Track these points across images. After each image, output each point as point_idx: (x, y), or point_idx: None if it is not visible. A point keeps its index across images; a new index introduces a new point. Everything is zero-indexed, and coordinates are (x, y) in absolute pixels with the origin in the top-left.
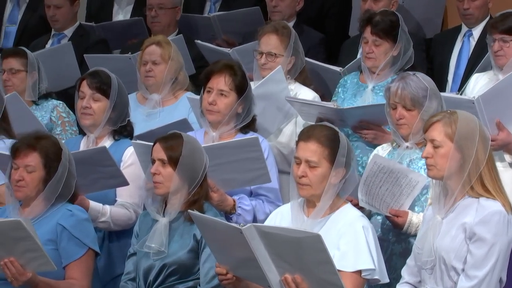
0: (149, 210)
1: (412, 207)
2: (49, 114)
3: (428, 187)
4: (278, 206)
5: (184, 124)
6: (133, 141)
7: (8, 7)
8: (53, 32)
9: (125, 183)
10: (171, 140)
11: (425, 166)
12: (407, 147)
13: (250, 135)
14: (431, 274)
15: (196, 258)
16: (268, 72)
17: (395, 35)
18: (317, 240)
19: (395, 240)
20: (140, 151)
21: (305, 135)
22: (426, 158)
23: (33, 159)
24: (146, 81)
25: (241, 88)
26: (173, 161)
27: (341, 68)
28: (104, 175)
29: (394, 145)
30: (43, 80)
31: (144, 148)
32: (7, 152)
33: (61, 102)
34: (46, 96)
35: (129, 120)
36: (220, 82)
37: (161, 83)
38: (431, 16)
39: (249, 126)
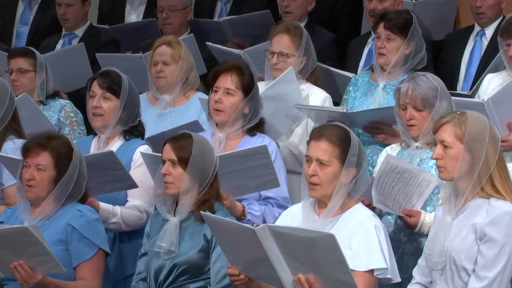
0: (160, 210)
1: (424, 207)
2: (57, 114)
3: (440, 187)
4: (288, 208)
5: (195, 126)
6: (141, 151)
7: (20, 7)
8: (64, 32)
9: (134, 185)
10: (181, 140)
11: (436, 167)
12: (417, 147)
13: (257, 137)
14: (442, 274)
15: (207, 257)
16: (280, 72)
17: (408, 32)
18: (330, 240)
19: (406, 240)
20: (148, 161)
21: (316, 134)
22: (436, 159)
23: (44, 159)
24: (157, 82)
25: (248, 88)
26: (183, 161)
27: (354, 74)
28: (113, 178)
29: (403, 145)
30: (50, 80)
31: (153, 158)
32: (17, 152)
33: (68, 101)
34: (53, 96)
35: (140, 120)
36: (227, 81)
37: (172, 84)
38: (443, 17)
39: (257, 128)
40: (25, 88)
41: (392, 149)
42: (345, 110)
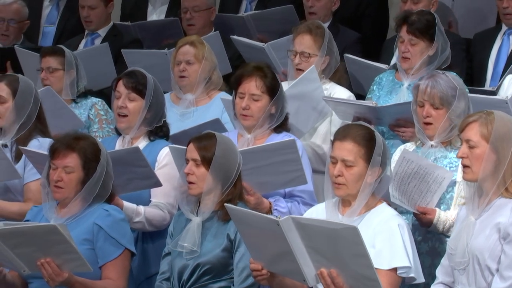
0: (183, 209)
1: (437, 205)
2: (88, 112)
3: (454, 185)
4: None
5: (216, 124)
6: (169, 145)
7: (47, 7)
8: (86, 31)
9: (158, 184)
10: (204, 140)
11: (450, 165)
12: (431, 145)
13: (284, 135)
14: (463, 274)
15: (230, 257)
16: (302, 72)
17: (431, 34)
18: (353, 233)
19: (421, 239)
20: (176, 154)
21: (341, 135)
22: (462, 158)
23: (72, 160)
24: (180, 81)
25: (273, 89)
26: (207, 161)
27: (387, 65)
28: (137, 175)
29: (418, 143)
30: (82, 78)
31: (180, 151)
32: (40, 150)
33: (100, 99)
34: (85, 94)
35: (165, 121)
36: (252, 87)
37: (194, 83)
38: (483, 15)
39: (282, 125)
40: (55, 87)
41: (407, 148)
42: (373, 104)
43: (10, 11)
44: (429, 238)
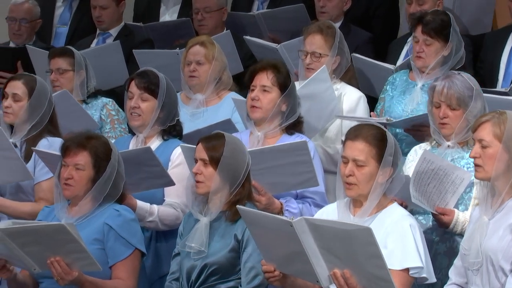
0: (192, 210)
1: (456, 206)
2: (99, 112)
3: (472, 186)
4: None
5: (228, 124)
6: (181, 144)
7: (60, 8)
8: (98, 31)
9: (171, 183)
10: (213, 140)
11: (468, 166)
12: (448, 146)
13: (296, 136)
14: (477, 275)
15: (237, 258)
16: (313, 72)
17: (446, 35)
18: (367, 234)
19: (439, 240)
20: (187, 154)
21: (352, 134)
22: (474, 158)
23: (83, 158)
24: (190, 81)
25: (284, 85)
26: (215, 161)
27: (394, 65)
28: (150, 175)
29: (433, 144)
30: (91, 79)
31: (191, 151)
32: (50, 150)
33: (110, 99)
34: (95, 94)
35: (178, 120)
36: (263, 79)
37: (205, 83)
38: (480, 17)
39: (295, 127)
40: (65, 88)
41: (421, 148)
42: (387, 120)
43: (22, 11)
44: (446, 239)
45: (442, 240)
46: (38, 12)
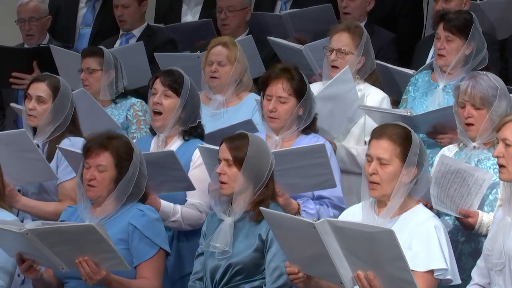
0: (215, 209)
1: (481, 207)
2: (126, 113)
3: (496, 186)
4: (342, 209)
5: (249, 125)
6: (199, 145)
7: (83, 9)
8: (121, 32)
9: (191, 187)
10: (237, 140)
11: (494, 166)
12: (474, 147)
13: (312, 136)
14: (500, 275)
15: (262, 258)
16: (337, 70)
17: (468, 33)
18: (389, 236)
19: (464, 240)
20: (205, 154)
21: (377, 133)
22: (497, 157)
23: (105, 159)
24: (210, 82)
25: (300, 91)
26: (238, 162)
27: (414, 71)
28: (171, 178)
29: (460, 145)
30: (121, 79)
31: (210, 152)
32: (72, 149)
33: (139, 100)
34: (125, 94)
35: (199, 122)
36: (278, 89)
37: (225, 85)
38: (507, 17)
39: (311, 127)
40: (93, 88)
41: (450, 150)
42: (408, 113)
43: (29, 10)
44: (472, 239)
45: (468, 241)
46: (46, 9)
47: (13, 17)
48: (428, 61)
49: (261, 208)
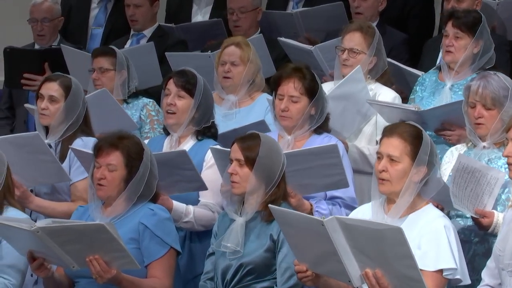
0: (227, 209)
1: (494, 207)
2: (139, 113)
3: (508, 185)
4: (355, 208)
5: (261, 125)
6: (211, 146)
7: (95, 9)
8: (132, 32)
9: (203, 187)
10: (248, 140)
11: (505, 166)
12: (484, 147)
13: (324, 136)
14: (511, 276)
15: (273, 258)
16: (349, 69)
17: (476, 31)
18: (398, 233)
19: (477, 241)
20: (217, 156)
21: (388, 131)
22: (507, 157)
23: (115, 158)
24: (223, 82)
25: (312, 90)
26: (250, 162)
27: (423, 72)
28: (183, 178)
29: (469, 145)
30: (133, 79)
31: (221, 153)
32: (84, 149)
33: (151, 100)
34: (136, 94)
35: (213, 122)
36: (290, 88)
37: (238, 85)
38: None
39: (323, 126)
40: (106, 88)
41: (458, 149)
42: (416, 108)
43: (42, 11)
44: (485, 240)
45: (481, 241)
46: (59, 10)
47: (25, 16)
48: (438, 59)
49: (269, 205)
